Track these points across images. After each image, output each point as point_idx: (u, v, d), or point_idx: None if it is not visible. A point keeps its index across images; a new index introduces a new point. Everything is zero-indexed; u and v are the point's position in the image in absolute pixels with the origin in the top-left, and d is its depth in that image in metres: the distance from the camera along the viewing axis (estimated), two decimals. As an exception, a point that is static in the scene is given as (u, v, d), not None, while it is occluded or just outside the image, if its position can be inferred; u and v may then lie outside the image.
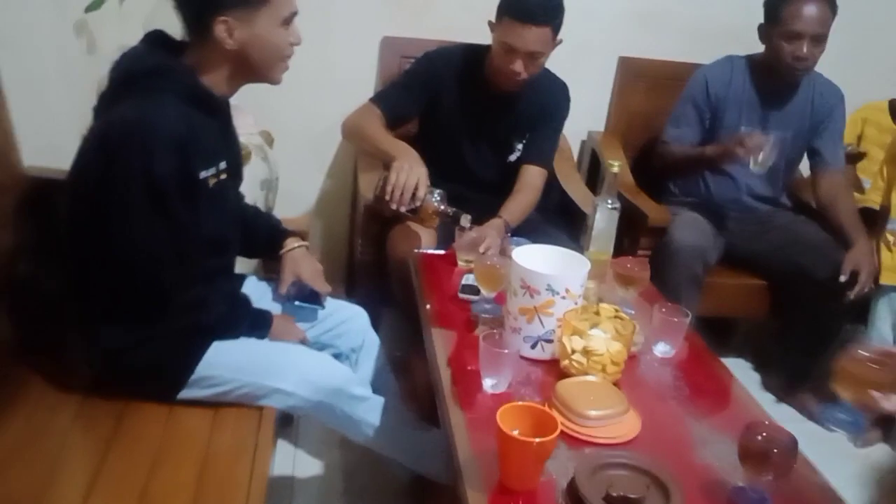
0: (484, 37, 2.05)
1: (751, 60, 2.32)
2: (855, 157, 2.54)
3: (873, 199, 2.37)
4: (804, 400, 2.31)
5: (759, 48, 2.29)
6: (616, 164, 1.69)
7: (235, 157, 1.57)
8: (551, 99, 2.16)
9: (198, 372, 1.41)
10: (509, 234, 1.86)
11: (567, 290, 1.37)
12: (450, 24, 2.22)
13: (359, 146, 2.18)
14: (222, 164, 1.43)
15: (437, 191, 1.93)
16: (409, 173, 1.88)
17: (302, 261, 1.68)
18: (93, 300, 1.38)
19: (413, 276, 1.75)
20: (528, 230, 2.04)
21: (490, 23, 1.99)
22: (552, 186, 2.39)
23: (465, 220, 1.79)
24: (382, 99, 2.11)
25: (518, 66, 1.93)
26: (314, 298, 1.69)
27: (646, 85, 2.66)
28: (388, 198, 1.88)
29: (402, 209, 1.90)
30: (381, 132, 2.04)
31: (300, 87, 2.45)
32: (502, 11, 1.93)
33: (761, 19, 2.25)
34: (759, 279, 2.35)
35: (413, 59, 2.23)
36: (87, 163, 1.34)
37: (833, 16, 2.16)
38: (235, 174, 1.56)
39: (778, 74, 2.23)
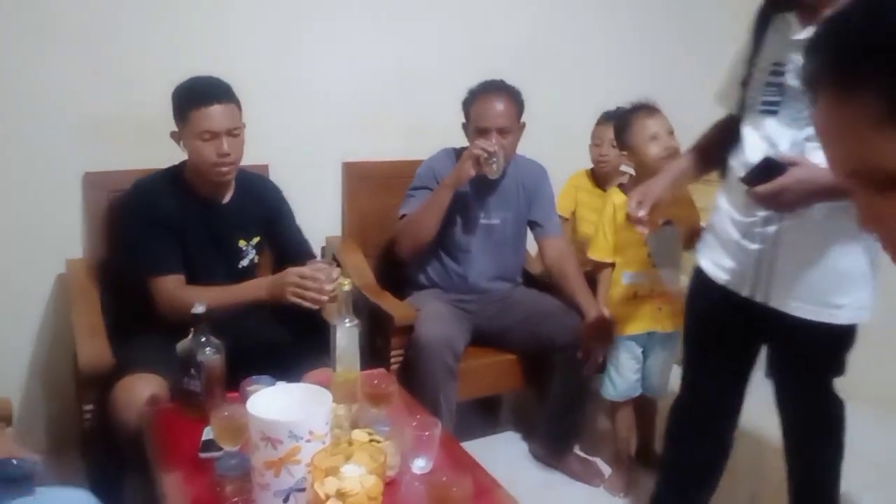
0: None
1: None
2: None
3: (596, 257, 2.58)
4: (569, 462, 2.43)
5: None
6: (347, 282, 1.66)
7: None
8: (266, 195, 2.18)
9: None
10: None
11: (311, 433, 1.29)
12: (153, 153, 2.11)
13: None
14: None
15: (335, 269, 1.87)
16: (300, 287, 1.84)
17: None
18: None
19: (146, 440, 1.57)
20: (278, 354, 1.96)
21: (173, 133, 1.97)
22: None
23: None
24: (158, 265, 1.95)
25: (225, 146, 1.91)
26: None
27: (372, 185, 2.74)
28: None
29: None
30: (214, 294, 1.90)
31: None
32: (184, 108, 1.92)
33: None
34: (509, 354, 2.45)
35: (118, 192, 2.11)
36: None
37: (518, 108, 2.38)
38: None
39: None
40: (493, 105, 2.33)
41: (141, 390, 1.74)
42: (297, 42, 2.60)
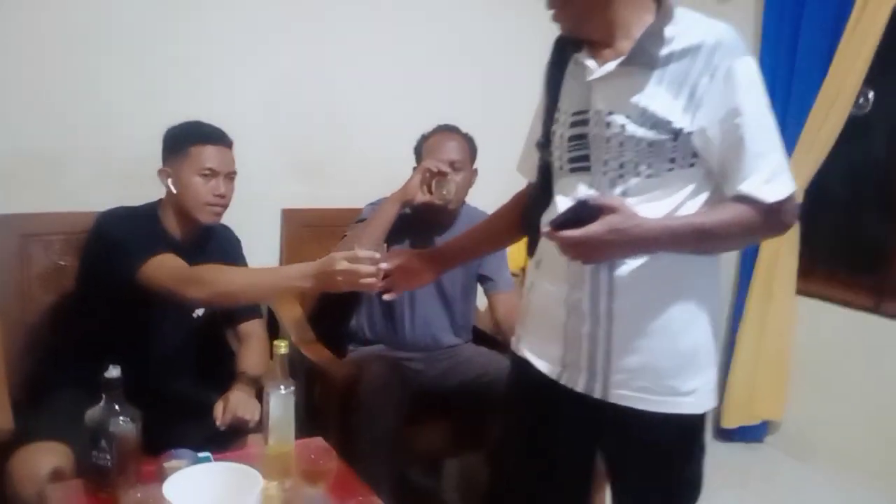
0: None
1: None
2: None
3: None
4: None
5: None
6: (283, 344, 1.51)
7: None
8: (227, 245, 2.10)
9: None
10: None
11: (236, 526, 1.13)
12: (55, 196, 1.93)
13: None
14: None
15: None
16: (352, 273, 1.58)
17: None
18: None
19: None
20: (207, 418, 1.80)
21: (163, 171, 1.89)
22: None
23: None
24: (148, 247, 1.78)
25: (222, 187, 1.89)
26: None
27: (314, 233, 2.61)
28: None
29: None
30: (247, 274, 1.89)
31: None
32: (184, 143, 1.88)
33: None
34: (456, 415, 2.30)
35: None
36: None
37: (472, 150, 2.35)
38: None
39: (433, 210, 2.28)
40: (446, 142, 2.31)
41: (42, 462, 1.54)
42: (232, 84, 2.48)
